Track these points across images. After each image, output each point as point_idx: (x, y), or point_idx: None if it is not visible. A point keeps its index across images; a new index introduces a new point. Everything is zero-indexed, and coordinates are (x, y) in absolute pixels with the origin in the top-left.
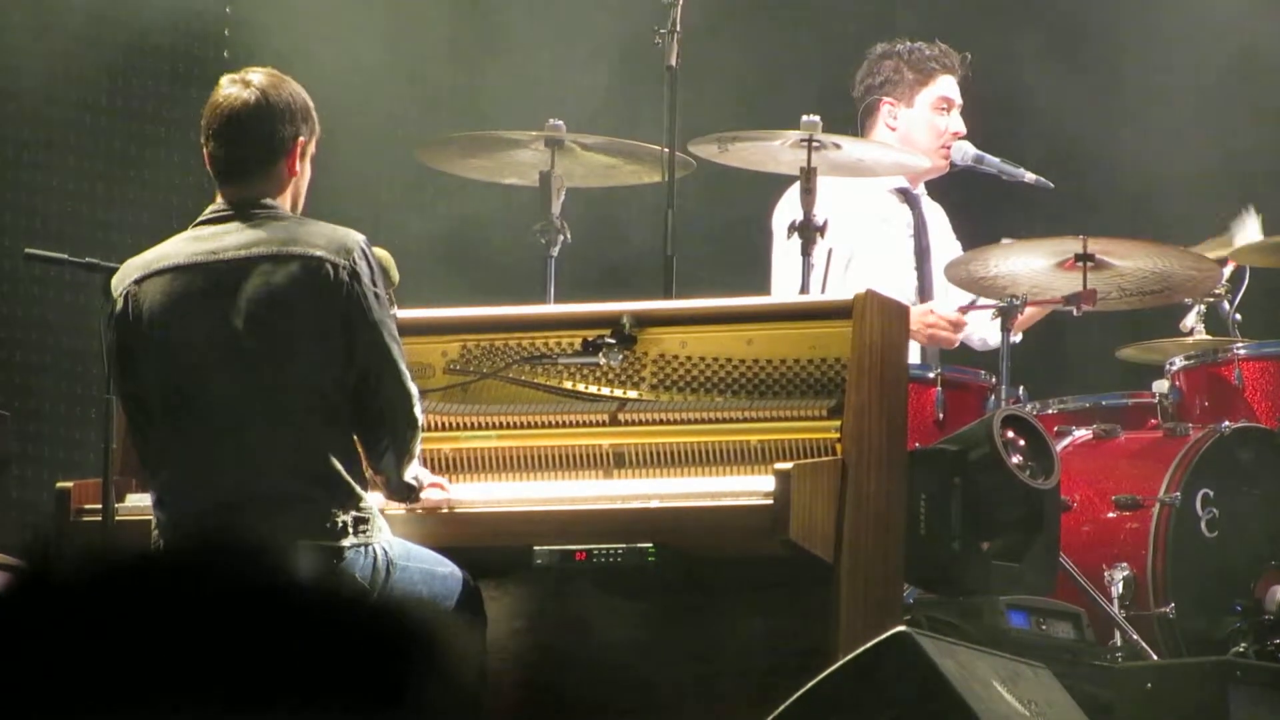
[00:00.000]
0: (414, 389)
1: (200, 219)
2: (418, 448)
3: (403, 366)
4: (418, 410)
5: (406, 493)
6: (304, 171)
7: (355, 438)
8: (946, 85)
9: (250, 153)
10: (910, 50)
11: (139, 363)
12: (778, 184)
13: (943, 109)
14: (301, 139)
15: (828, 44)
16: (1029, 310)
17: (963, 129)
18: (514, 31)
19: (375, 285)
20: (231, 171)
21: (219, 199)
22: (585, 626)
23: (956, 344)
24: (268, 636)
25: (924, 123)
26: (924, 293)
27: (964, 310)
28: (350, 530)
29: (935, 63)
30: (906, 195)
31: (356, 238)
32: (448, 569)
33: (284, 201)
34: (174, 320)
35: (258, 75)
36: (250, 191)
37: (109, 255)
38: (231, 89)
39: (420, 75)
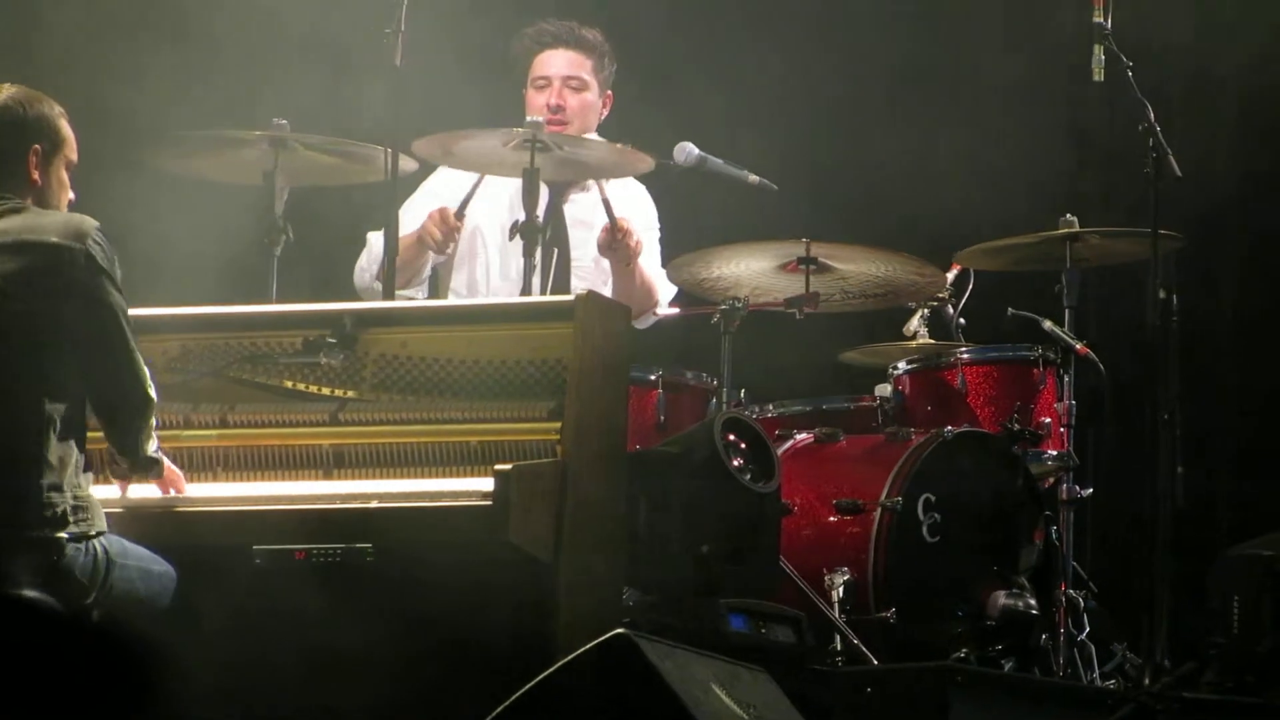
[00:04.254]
0: (146, 369)
1: None
2: (154, 422)
3: (135, 346)
4: (152, 389)
5: (150, 466)
6: (52, 176)
7: (91, 419)
8: (541, 63)
9: None
10: (518, 38)
11: None
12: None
13: (540, 85)
14: (37, 147)
15: None
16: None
17: (561, 100)
18: (241, 30)
19: (110, 268)
20: None
21: None
22: (304, 626)
23: (447, 250)
24: None
25: (529, 104)
26: (553, 284)
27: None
28: (69, 518)
29: (532, 42)
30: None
31: (90, 223)
32: (162, 567)
33: (29, 204)
34: None
35: None
36: None
37: None
38: None
39: (145, 74)
